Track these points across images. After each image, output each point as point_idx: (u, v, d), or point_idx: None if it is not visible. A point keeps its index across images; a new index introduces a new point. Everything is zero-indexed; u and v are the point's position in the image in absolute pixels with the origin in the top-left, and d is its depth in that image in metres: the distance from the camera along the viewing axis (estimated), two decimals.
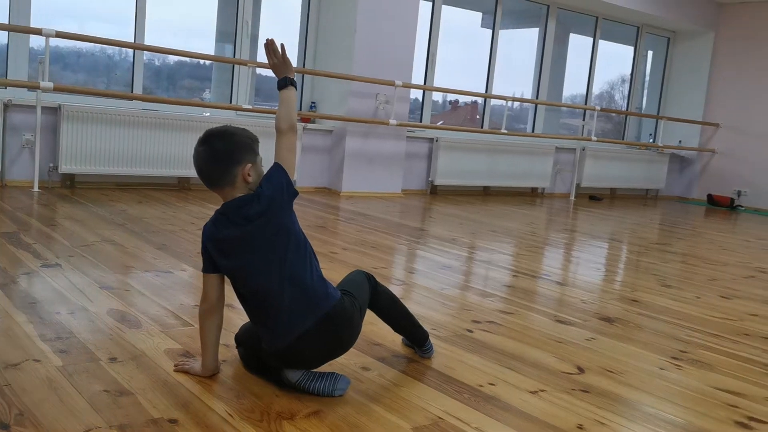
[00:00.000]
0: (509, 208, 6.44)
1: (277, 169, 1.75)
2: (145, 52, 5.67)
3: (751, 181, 8.71)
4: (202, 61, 6.22)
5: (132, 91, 5.57)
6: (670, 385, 2.09)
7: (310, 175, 6.30)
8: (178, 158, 5.42)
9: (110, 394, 1.66)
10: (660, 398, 1.97)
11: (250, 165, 1.73)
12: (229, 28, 6.12)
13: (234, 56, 6.09)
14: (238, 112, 5.84)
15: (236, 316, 2.22)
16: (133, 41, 5.49)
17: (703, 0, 8.74)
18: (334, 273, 3.13)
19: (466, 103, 8.36)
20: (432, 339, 2.31)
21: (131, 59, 5.65)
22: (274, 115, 1.94)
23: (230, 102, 6.11)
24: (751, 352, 2.50)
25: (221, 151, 1.72)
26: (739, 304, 3.29)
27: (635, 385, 2.05)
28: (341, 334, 1.78)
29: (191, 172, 5.53)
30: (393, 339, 2.26)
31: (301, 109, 6.51)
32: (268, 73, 6.65)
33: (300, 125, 6.03)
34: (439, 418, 1.70)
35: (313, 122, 6.38)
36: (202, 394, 1.71)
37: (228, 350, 2.01)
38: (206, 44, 6.19)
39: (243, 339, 1.92)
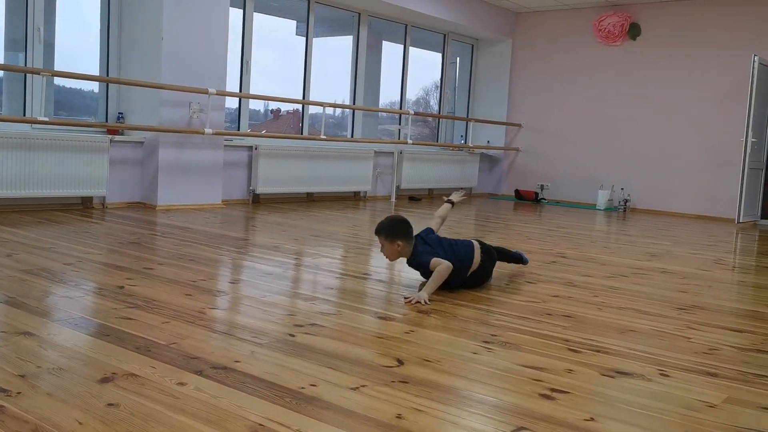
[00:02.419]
0: (333, 213, 6.50)
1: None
2: None
3: (551, 176, 9.51)
4: None
5: None
6: (482, 367, 2.21)
7: (121, 189, 5.94)
8: None
9: None
10: (473, 381, 2.08)
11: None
12: (19, 36, 5.61)
13: (26, 65, 5.59)
14: (34, 126, 5.37)
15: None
16: None
17: (500, 9, 9.42)
18: (150, 290, 2.97)
19: (288, 112, 8.33)
20: (253, 347, 2.27)
21: None
22: (76, 128, 1.83)
23: (24, 115, 5.60)
24: (552, 330, 2.70)
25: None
26: (543, 287, 3.56)
27: (451, 371, 2.14)
28: None
29: None
30: (211, 351, 2.18)
31: (107, 120, 6.13)
32: (71, 83, 6.19)
33: (106, 137, 5.68)
34: (260, 425, 1.66)
35: (122, 134, 6.03)
36: None
37: (45, 373, 1.83)
38: None
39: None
